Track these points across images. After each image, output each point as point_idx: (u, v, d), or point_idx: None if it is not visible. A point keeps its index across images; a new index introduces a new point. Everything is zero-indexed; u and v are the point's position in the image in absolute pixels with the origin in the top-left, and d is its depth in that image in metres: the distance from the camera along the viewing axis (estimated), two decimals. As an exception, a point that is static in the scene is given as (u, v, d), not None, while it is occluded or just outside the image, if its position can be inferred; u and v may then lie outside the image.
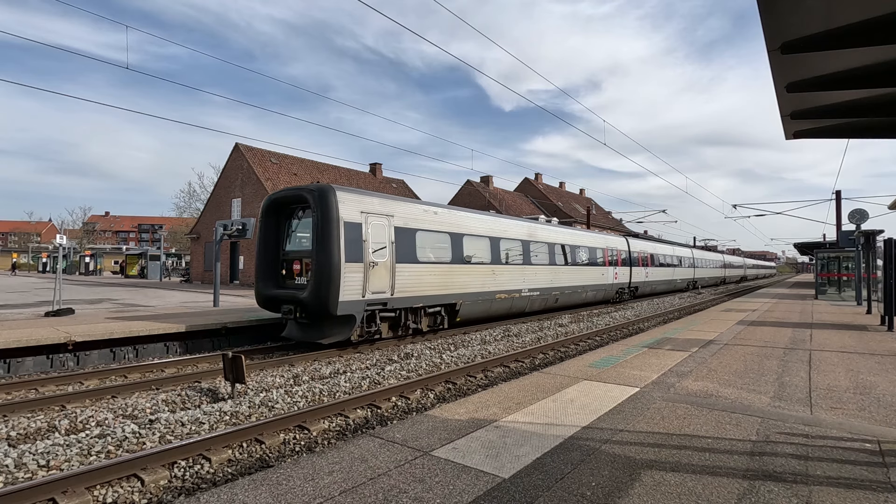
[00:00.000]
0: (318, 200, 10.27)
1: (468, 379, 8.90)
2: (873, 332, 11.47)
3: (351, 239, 10.34)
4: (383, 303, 11.03)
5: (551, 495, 3.23)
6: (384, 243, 11.12)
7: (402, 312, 11.78)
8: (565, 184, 64.29)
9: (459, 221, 13.79)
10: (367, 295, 10.56)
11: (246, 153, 33.09)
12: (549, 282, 17.59)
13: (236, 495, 3.23)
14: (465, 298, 13.48)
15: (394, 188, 43.29)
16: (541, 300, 17.28)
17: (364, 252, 10.59)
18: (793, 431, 4.46)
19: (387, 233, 11.26)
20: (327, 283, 9.91)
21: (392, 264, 11.22)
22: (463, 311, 13.44)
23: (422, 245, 12.23)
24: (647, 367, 7.21)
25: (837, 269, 23.74)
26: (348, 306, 10.20)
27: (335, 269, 9.96)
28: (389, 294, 11.13)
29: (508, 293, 15.37)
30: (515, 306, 15.99)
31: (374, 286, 10.75)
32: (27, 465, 4.90)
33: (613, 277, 23.31)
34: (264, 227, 11.42)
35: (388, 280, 11.07)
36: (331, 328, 10.43)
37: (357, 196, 10.90)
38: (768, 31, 3.74)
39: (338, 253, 10.03)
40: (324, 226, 10.12)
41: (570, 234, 20.11)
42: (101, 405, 6.85)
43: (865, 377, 6.70)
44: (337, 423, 6.45)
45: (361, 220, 10.68)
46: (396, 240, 11.45)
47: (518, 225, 16.72)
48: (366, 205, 10.98)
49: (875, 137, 5.88)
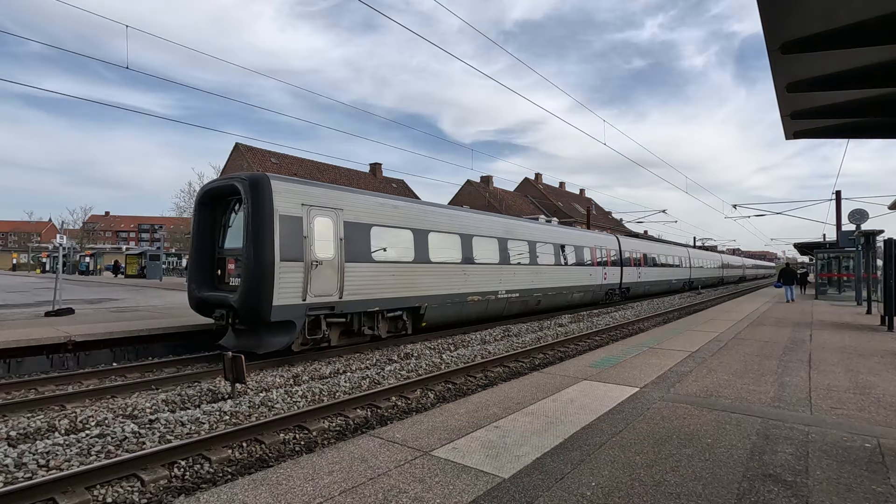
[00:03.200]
0: (250, 191, 9.16)
1: (468, 379, 8.90)
2: (873, 332, 11.47)
3: (288, 235, 9.24)
4: (330, 307, 9.94)
5: (551, 495, 3.23)
6: (330, 240, 10.04)
7: (355, 317, 10.69)
8: (565, 184, 64.31)
9: (424, 217, 12.65)
10: (308, 298, 9.48)
11: (246, 153, 33.09)
12: (529, 283, 16.50)
13: (236, 495, 3.23)
14: (432, 301, 12.36)
15: (394, 188, 43.28)
16: (520, 303, 16.24)
17: (305, 250, 9.50)
18: (793, 431, 4.46)
19: (334, 228, 10.16)
20: (258, 285, 8.85)
21: (340, 263, 10.13)
22: (429, 315, 12.36)
23: (378, 242, 11.13)
24: (647, 367, 7.21)
25: (837, 269, 23.74)
26: (285, 311, 9.12)
27: (268, 268, 8.89)
28: (337, 297, 10.04)
29: (482, 295, 14.26)
30: (491, 309, 14.92)
31: (318, 288, 9.67)
32: (27, 464, 4.90)
33: (602, 278, 22.33)
34: (199, 221, 10.34)
35: (335, 281, 10.00)
36: (267, 336, 9.33)
37: (297, 187, 9.77)
38: (768, 31, 3.74)
39: (271, 250, 8.95)
40: (255, 220, 9.00)
41: (554, 231, 19.01)
42: (101, 405, 6.85)
43: (865, 377, 6.70)
44: (337, 423, 6.45)
45: (302, 214, 9.56)
46: (346, 236, 10.34)
47: (493, 221, 15.56)
48: (308, 196, 9.81)
49: (875, 137, 5.88)
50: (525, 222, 17.52)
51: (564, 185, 64.23)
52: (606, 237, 23.96)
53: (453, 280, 13.14)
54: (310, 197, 9.88)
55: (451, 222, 13.49)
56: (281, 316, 9.07)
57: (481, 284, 14.20)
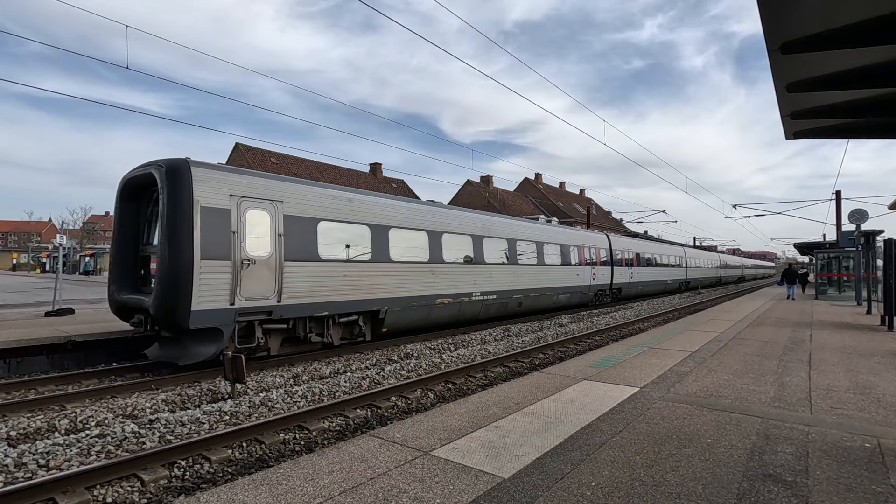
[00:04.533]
0: (166, 180, 8.16)
1: (468, 379, 8.90)
2: (873, 332, 11.47)
3: (212, 229, 8.23)
4: (266, 311, 8.94)
5: (551, 495, 3.23)
6: (267, 236, 9.01)
7: (299, 323, 9.69)
8: (565, 184, 64.32)
9: (385, 212, 11.56)
10: (238, 302, 8.48)
11: (246, 153, 33.11)
12: (508, 283, 15.49)
13: (236, 495, 3.23)
14: (393, 304, 11.37)
15: (394, 188, 43.29)
16: (498, 305, 15.23)
17: (234, 247, 8.47)
18: (793, 431, 4.46)
19: (271, 223, 9.12)
20: (174, 287, 7.88)
21: (279, 262, 9.12)
22: (390, 319, 11.40)
23: (328, 239, 10.10)
24: (647, 367, 7.21)
25: (837, 269, 23.74)
26: (207, 317, 8.12)
27: (185, 268, 7.92)
28: (275, 300, 9.02)
29: (454, 297, 13.19)
30: (465, 312, 13.90)
31: (251, 290, 8.68)
32: (27, 464, 4.90)
33: (591, 278, 21.29)
34: (120, 215, 9.32)
35: (272, 283, 8.99)
36: (191, 345, 8.43)
37: (224, 175, 8.68)
38: (768, 31, 3.74)
39: (189, 248, 7.96)
40: (171, 212, 8.02)
41: (536, 229, 17.88)
42: (101, 405, 6.85)
43: (865, 377, 6.70)
44: (337, 423, 6.45)
45: (231, 207, 8.54)
46: (287, 232, 9.32)
47: (467, 217, 14.38)
48: (238, 186, 8.77)
49: (875, 137, 5.88)
50: (504, 219, 16.41)
51: (564, 185, 64.23)
52: (595, 235, 22.96)
53: (419, 281, 12.15)
54: (241, 187, 8.82)
55: (416, 218, 12.46)
56: (202, 322, 8.09)
57: (452, 286, 13.20)
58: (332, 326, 10.35)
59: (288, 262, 9.29)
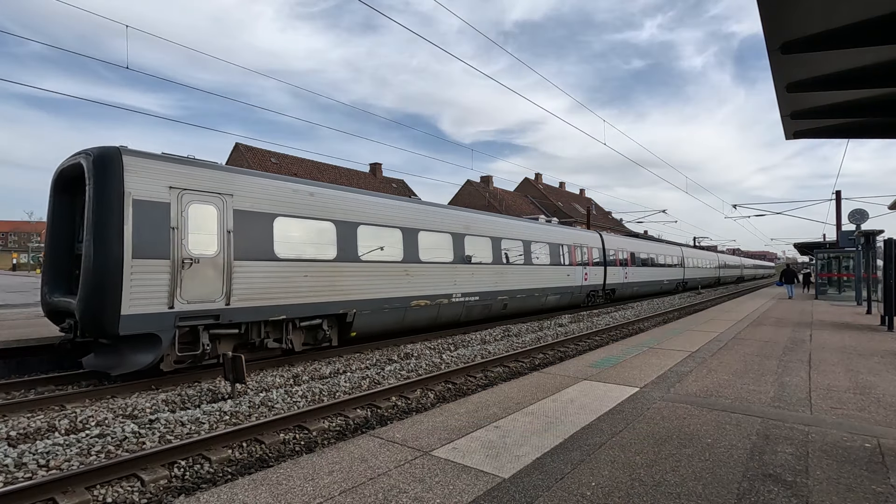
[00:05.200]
0: (93, 169, 7.45)
1: (468, 379, 8.90)
2: (873, 332, 11.47)
3: (146, 225, 7.56)
4: (213, 315, 8.22)
5: (551, 495, 3.23)
6: (213, 233, 8.31)
7: (252, 327, 9.00)
8: (565, 184, 64.33)
9: (353, 207, 10.84)
10: (179, 305, 7.80)
11: (246, 153, 33.12)
12: (492, 284, 14.80)
13: (236, 495, 3.23)
14: (362, 307, 10.70)
15: (394, 188, 43.30)
16: (482, 307, 14.54)
17: (173, 244, 7.83)
18: (793, 431, 4.46)
19: (219, 218, 8.41)
20: (100, 289, 7.21)
21: (227, 262, 8.41)
22: (358, 322, 10.70)
23: (286, 236, 9.40)
24: (647, 367, 7.21)
25: (837, 269, 23.75)
26: (141, 321, 7.43)
27: (113, 268, 7.24)
28: (224, 303, 8.33)
29: (431, 299, 12.49)
30: (444, 315, 13.15)
31: (194, 292, 7.99)
32: (27, 464, 4.90)
33: (583, 278, 20.53)
34: (54, 209, 8.57)
35: (219, 284, 8.28)
36: (128, 353, 7.75)
37: (162, 165, 7.96)
38: (768, 31, 3.74)
39: (118, 245, 7.29)
40: (98, 206, 7.34)
41: (523, 227, 17.10)
42: (101, 405, 6.85)
43: (865, 377, 6.70)
44: (337, 423, 6.46)
45: (170, 200, 7.88)
46: (238, 228, 8.62)
47: (446, 214, 13.55)
48: (179, 178, 8.07)
49: (875, 137, 5.88)
50: (487, 216, 15.57)
51: (564, 185, 64.23)
52: (588, 234, 22.12)
53: (392, 282, 11.45)
54: (182, 178, 8.12)
55: (389, 215, 11.72)
56: (134, 328, 7.39)
57: (430, 287, 12.48)
58: (293, 331, 9.71)
59: (238, 261, 8.61)
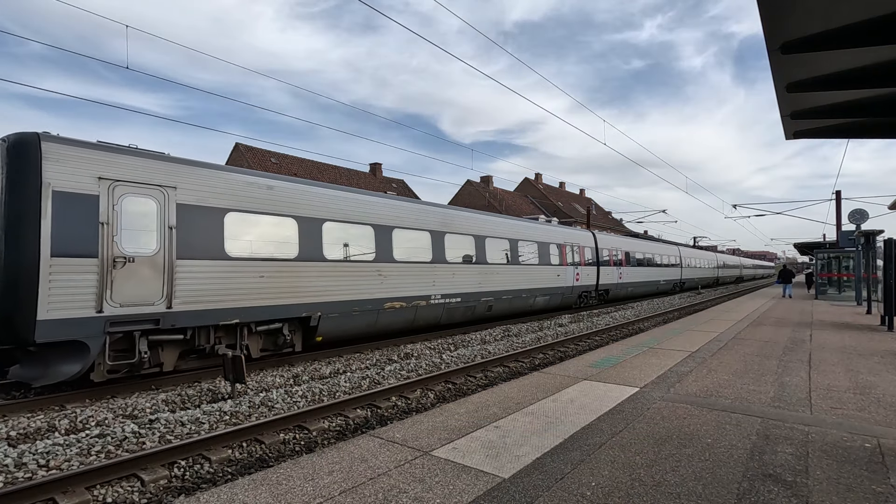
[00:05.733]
0: (6, 157, 6.81)
1: (468, 379, 8.90)
2: (873, 332, 11.47)
3: (69, 220, 6.89)
4: (152, 319, 7.51)
5: (551, 495, 3.23)
6: (152, 229, 7.60)
7: (200, 332, 8.31)
8: (565, 184, 64.33)
9: (318, 203, 10.12)
10: (109, 308, 7.07)
11: (246, 153, 33.13)
12: (475, 285, 14.05)
13: (236, 495, 3.23)
14: (327, 309, 9.98)
15: (394, 188, 43.31)
16: (464, 309, 13.81)
17: (103, 241, 7.11)
18: (793, 431, 4.46)
19: (159, 213, 7.70)
20: (12, 291, 6.58)
21: (168, 261, 7.71)
22: (324, 326, 10.03)
23: (239, 233, 8.67)
24: (647, 367, 7.21)
25: (837, 269, 23.75)
26: (62, 328, 6.73)
27: (26, 268, 6.58)
28: (164, 306, 7.61)
29: (407, 301, 11.79)
30: (422, 317, 12.45)
31: (128, 295, 7.27)
32: (27, 464, 4.90)
33: (574, 279, 19.72)
34: None
35: (158, 285, 7.58)
36: (50, 362, 7.04)
37: (90, 153, 7.20)
38: (768, 31, 3.74)
39: (34, 242, 6.63)
40: (10, 197, 6.70)
41: (509, 225, 16.29)
42: (101, 405, 6.85)
43: (865, 377, 6.70)
44: (337, 423, 6.46)
45: (99, 192, 7.14)
46: (182, 224, 7.91)
47: (423, 211, 12.78)
48: (111, 168, 7.32)
49: (875, 137, 5.88)
50: (469, 213, 14.72)
51: (564, 185, 64.23)
52: (579, 233, 21.25)
53: (362, 282, 10.71)
54: (114, 168, 7.37)
55: (360, 211, 10.96)
56: (55, 334, 6.69)
57: (406, 288, 11.77)
58: (249, 336, 9.03)
59: (183, 260, 7.91)
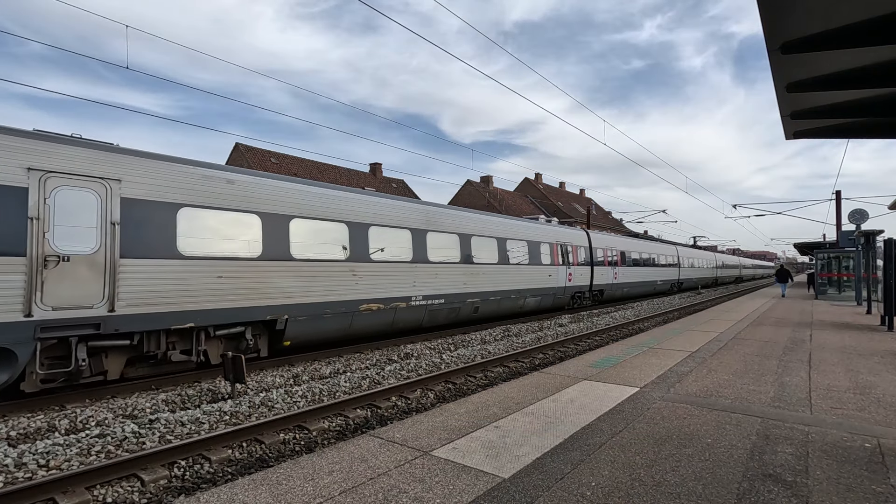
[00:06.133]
0: None
1: (468, 379, 8.90)
2: (873, 332, 11.46)
3: None
4: (92, 324, 6.95)
5: (551, 495, 3.23)
6: (92, 225, 7.05)
7: (150, 337, 7.73)
8: (565, 184, 64.33)
9: (285, 198, 9.50)
10: (39, 312, 6.54)
11: (246, 153, 33.13)
12: (460, 286, 13.42)
13: (236, 495, 3.23)
14: (295, 312, 9.38)
15: (394, 188, 43.32)
16: (448, 310, 13.20)
17: (32, 238, 6.57)
18: (793, 431, 4.46)
19: (100, 208, 7.14)
20: None
21: (111, 259, 7.13)
22: (292, 330, 9.42)
23: (194, 230, 8.10)
24: (647, 367, 7.21)
25: (837, 269, 23.75)
26: None
27: None
28: (106, 309, 7.04)
29: (385, 303, 11.20)
30: (402, 320, 11.85)
31: (62, 297, 6.73)
32: (27, 464, 4.90)
33: (567, 279, 19.13)
34: None
35: (99, 286, 7.00)
36: None
37: (17, 142, 6.64)
38: (768, 31, 3.74)
39: None
40: None
41: (497, 223, 15.68)
42: (101, 405, 6.85)
43: (865, 377, 6.70)
44: (337, 423, 6.46)
45: (28, 184, 6.62)
46: (127, 220, 7.35)
47: (404, 208, 12.15)
48: (42, 158, 6.77)
49: (875, 137, 5.88)
50: (454, 210, 14.08)
51: (564, 185, 64.21)
52: (572, 231, 20.59)
53: (335, 283, 10.13)
54: (47, 158, 6.81)
55: (333, 208, 10.38)
56: None
57: (383, 289, 11.18)
58: (207, 341, 8.48)
59: (128, 259, 7.32)
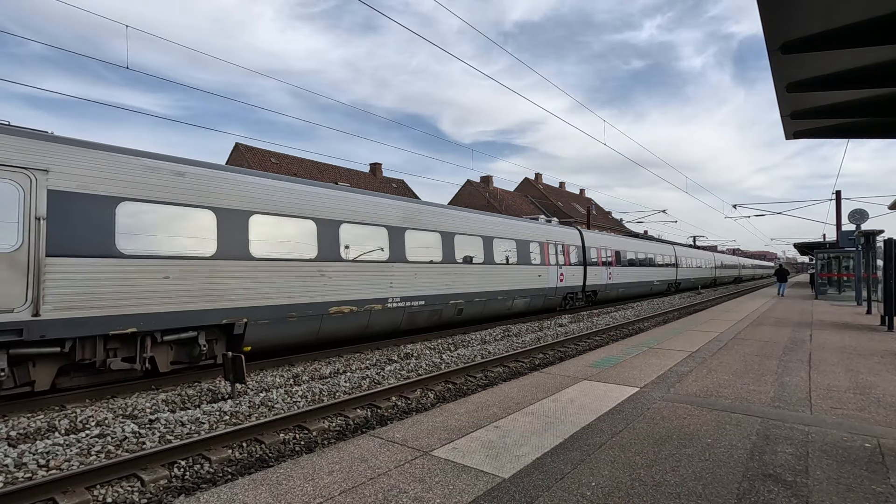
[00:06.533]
0: None
1: (468, 379, 8.90)
2: (873, 332, 11.46)
3: None
4: (13, 329, 6.32)
5: (551, 495, 3.23)
6: (13, 220, 6.44)
7: (84, 344, 7.12)
8: (565, 184, 64.33)
9: (243, 192, 8.77)
10: None
11: (246, 153, 33.13)
12: (442, 286, 12.74)
13: (236, 495, 3.23)
14: (256, 315, 8.69)
15: (394, 188, 43.32)
16: (429, 313, 12.54)
17: None
18: (793, 431, 4.46)
19: (22, 202, 6.50)
20: None
21: (35, 258, 6.50)
22: (253, 335, 8.75)
23: (136, 227, 7.43)
24: (647, 367, 7.21)
25: (837, 269, 23.75)
26: None
27: None
28: (30, 313, 6.40)
29: (359, 305, 10.54)
30: (377, 323, 11.17)
31: None
32: (27, 464, 4.90)
33: (558, 279, 18.47)
34: None
35: (21, 287, 6.36)
36: None
37: None
38: (768, 31, 3.74)
39: None
40: None
41: (482, 220, 14.89)
42: (101, 405, 6.85)
43: (865, 377, 6.70)
44: (337, 423, 6.46)
45: None
46: (55, 215, 6.71)
47: (379, 204, 11.40)
48: None
49: (875, 137, 5.88)
50: (435, 207, 13.32)
51: (564, 185, 64.21)
52: (564, 230, 19.77)
53: (301, 284, 9.43)
54: None
55: (298, 203, 9.65)
56: None
57: (356, 290, 10.51)
58: (154, 347, 7.81)
59: (56, 257, 6.67)
